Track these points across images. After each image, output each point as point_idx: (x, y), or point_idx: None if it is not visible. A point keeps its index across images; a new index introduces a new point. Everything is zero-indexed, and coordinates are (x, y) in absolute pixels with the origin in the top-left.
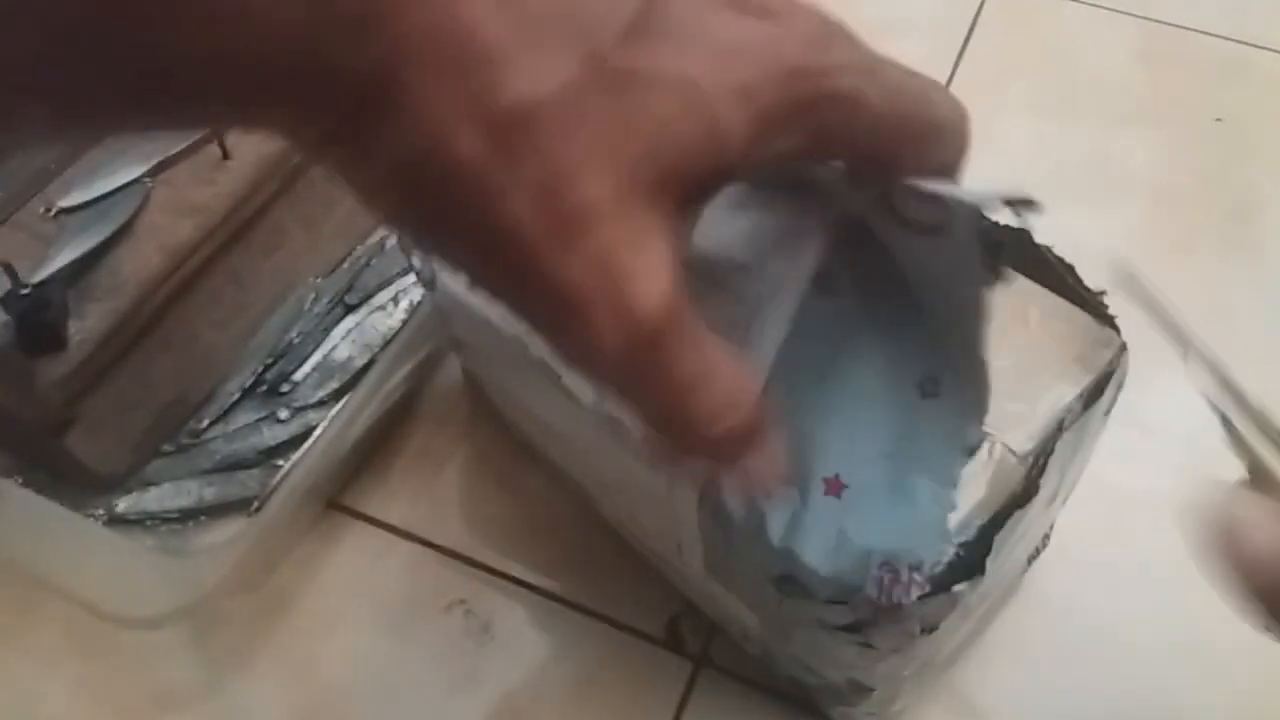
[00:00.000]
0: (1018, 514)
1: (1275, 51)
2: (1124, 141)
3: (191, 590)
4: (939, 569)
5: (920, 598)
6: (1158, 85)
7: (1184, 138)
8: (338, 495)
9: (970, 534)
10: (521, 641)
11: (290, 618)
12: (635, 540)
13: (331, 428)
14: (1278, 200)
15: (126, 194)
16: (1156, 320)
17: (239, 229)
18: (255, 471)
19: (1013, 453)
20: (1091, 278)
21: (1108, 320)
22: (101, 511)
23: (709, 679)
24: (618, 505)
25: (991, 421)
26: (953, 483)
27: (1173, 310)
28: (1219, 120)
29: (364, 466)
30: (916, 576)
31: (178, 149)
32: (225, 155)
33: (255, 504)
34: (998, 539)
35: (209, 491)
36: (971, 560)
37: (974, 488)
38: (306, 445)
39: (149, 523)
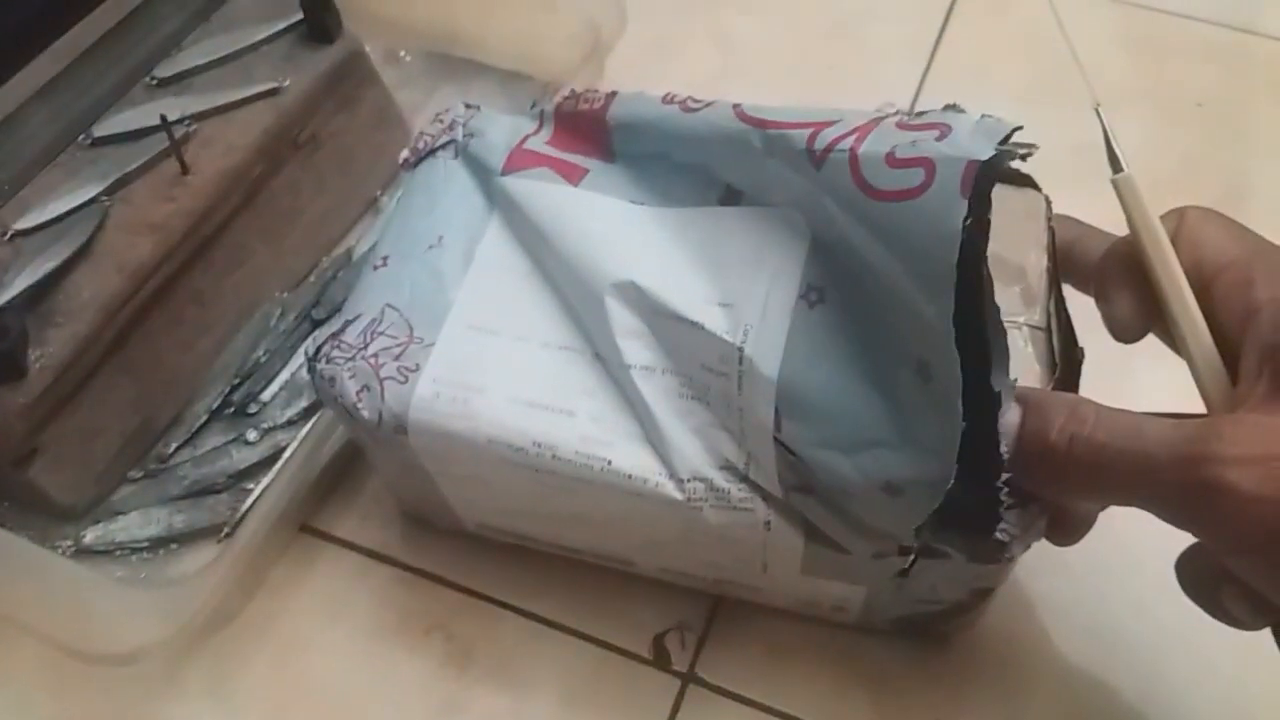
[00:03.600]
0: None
1: (1255, 34)
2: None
3: (164, 622)
4: None
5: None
6: (1138, 70)
7: (1166, 123)
8: (310, 518)
9: None
10: (504, 664)
11: (266, 647)
12: (644, 569)
13: (301, 449)
14: (1262, 184)
15: (84, 214)
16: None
17: (200, 246)
18: (225, 496)
19: (1039, 328)
20: None
21: (1026, 181)
22: (69, 543)
23: (697, 695)
24: (645, 554)
25: (1010, 310)
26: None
27: None
28: (1200, 105)
29: (336, 488)
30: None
31: (135, 165)
32: (184, 171)
33: (225, 530)
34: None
35: (178, 519)
36: None
37: (1029, 373)
38: (276, 467)
39: (118, 553)
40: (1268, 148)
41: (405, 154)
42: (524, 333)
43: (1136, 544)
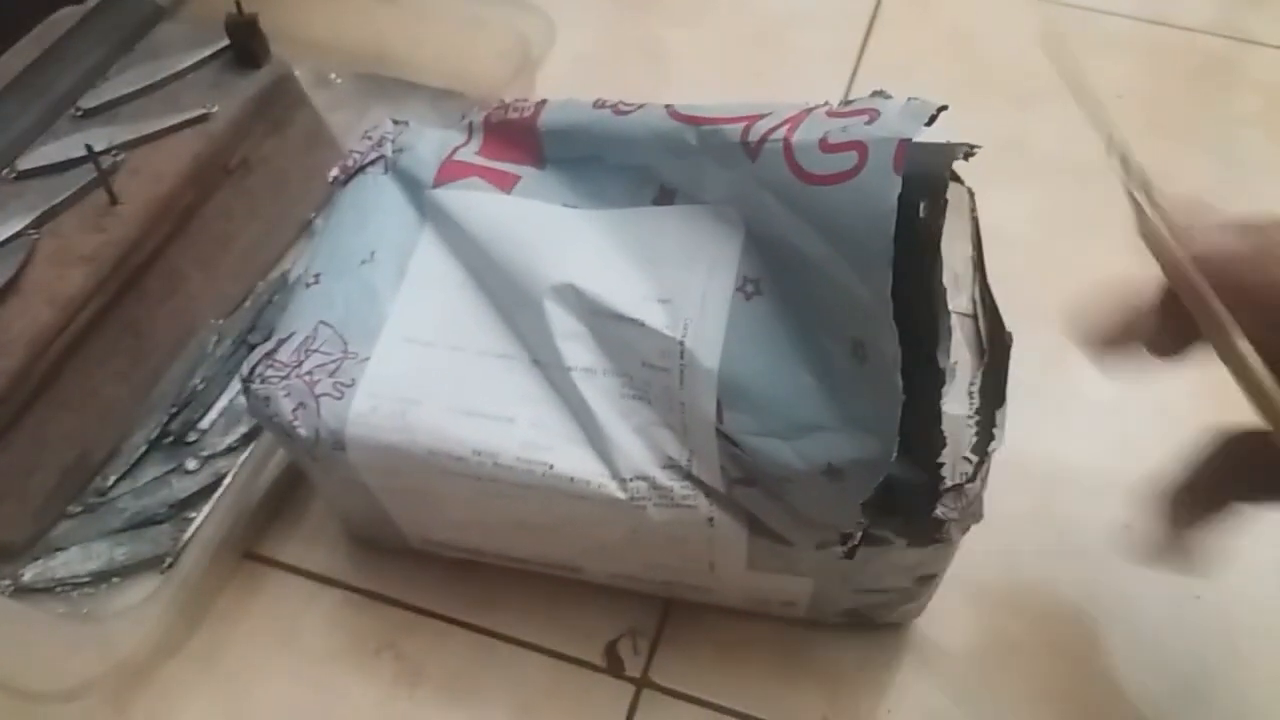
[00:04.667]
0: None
1: (1169, 26)
2: (1031, 123)
3: (108, 656)
4: (974, 441)
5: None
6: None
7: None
8: (254, 545)
9: (977, 390)
10: (456, 680)
11: (214, 677)
12: (600, 577)
13: (241, 475)
14: (1182, 172)
15: (10, 248)
16: (1083, 105)
17: (133, 276)
18: (166, 527)
19: (966, 315)
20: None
21: (951, 175)
22: (7, 582)
23: (651, 700)
24: (593, 559)
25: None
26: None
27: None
28: (1120, 97)
29: (280, 512)
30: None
31: (62, 197)
32: (113, 201)
33: (168, 560)
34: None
35: (120, 552)
36: (991, 411)
37: (958, 358)
38: (217, 495)
39: (59, 590)
40: (1185, 134)
41: (335, 172)
42: (460, 342)
43: (1078, 530)
